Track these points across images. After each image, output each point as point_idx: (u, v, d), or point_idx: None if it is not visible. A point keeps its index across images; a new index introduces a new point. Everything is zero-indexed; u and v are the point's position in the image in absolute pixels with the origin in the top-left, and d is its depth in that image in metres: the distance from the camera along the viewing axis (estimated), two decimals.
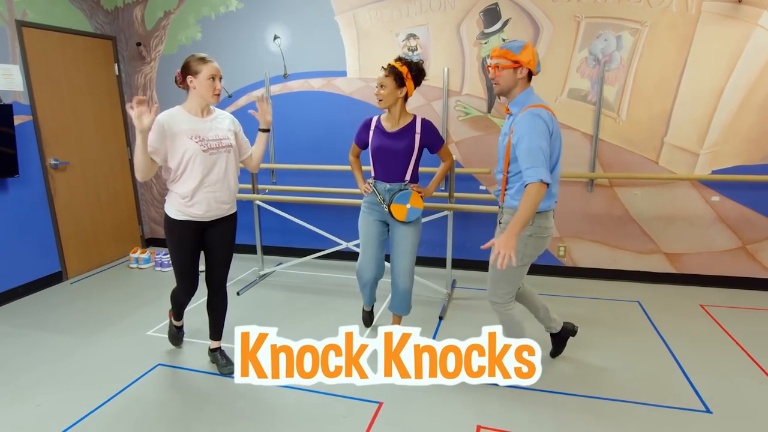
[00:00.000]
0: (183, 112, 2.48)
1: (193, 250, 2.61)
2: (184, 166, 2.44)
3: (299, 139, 4.50)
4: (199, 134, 2.45)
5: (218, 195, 2.53)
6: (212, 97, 2.48)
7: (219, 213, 2.59)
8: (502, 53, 2.19)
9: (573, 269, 4.16)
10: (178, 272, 2.65)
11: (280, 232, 4.79)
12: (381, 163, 2.75)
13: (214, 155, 2.48)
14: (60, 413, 2.45)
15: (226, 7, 4.43)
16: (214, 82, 2.46)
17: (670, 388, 2.57)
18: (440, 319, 3.41)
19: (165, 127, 2.40)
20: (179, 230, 2.54)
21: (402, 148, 2.68)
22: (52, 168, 4.18)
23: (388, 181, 2.75)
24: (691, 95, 3.61)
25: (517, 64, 2.18)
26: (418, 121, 2.72)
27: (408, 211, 2.71)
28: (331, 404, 2.48)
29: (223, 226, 2.65)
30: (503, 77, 2.22)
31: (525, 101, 2.23)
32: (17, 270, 3.92)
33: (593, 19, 3.66)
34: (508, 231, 2.06)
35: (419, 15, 4.00)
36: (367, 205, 2.86)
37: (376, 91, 2.65)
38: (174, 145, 2.42)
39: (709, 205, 3.77)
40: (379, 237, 2.86)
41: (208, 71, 2.44)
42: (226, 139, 2.55)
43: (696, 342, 3.04)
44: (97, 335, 3.27)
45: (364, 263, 2.88)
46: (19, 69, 3.87)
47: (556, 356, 2.85)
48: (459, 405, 2.45)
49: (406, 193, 2.70)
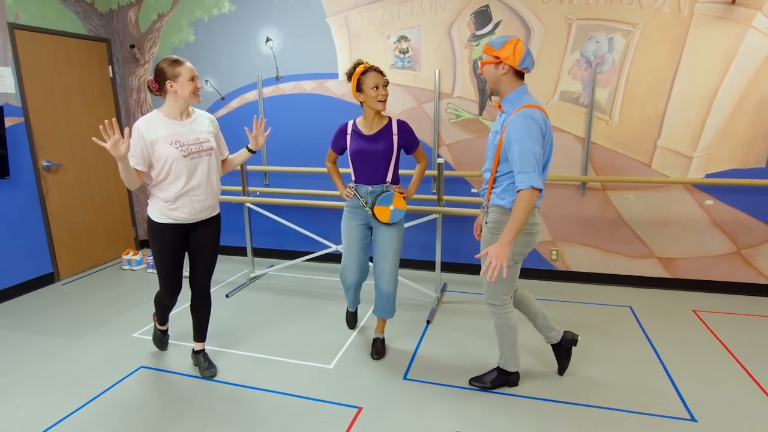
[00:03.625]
0: (161, 117, 2.44)
1: (177, 253, 2.60)
2: (166, 172, 2.42)
3: (291, 141, 4.49)
4: (178, 139, 2.42)
5: (202, 198, 2.52)
6: (194, 97, 2.46)
7: (202, 215, 2.58)
8: (485, 48, 2.20)
9: (565, 273, 4.11)
10: (161, 275, 2.64)
11: (271, 234, 4.78)
12: (361, 166, 2.73)
13: (195, 159, 2.46)
14: (38, 416, 2.44)
15: (219, 10, 4.43)
16: (194, 81, 2.44)
17: (656, 395, 2.52)
18: (428, 323, 3.38)
19: (144, 134, 2.37)
20: (162, 233, 2.52)
21: (381, 150, 2.67)
22: (45, 170, 4.19)
23: (370, 183, 2.74)
24: (685, 97, 3.57)
25: (498, 59, 2.15)
26: (394, 123, 2.71)
27: (391, 213, 2.71)
28: (310, 408, 2.45)
29: (206, 229, 2.64)
30: (486, 73, 2.22)
31: (517, 100, 2.19)
32: (8, 271, 3.93)
33: (585, 20, 3.63)
34: (502, 240, 2.04)
35: (410, 17, 3.98)
36: (349, 209, 2.84)
37: (382, 92, 2.59)
38: (154, 152, 2.39)
39: (703, 209, 3.71)
40: (362, 241, 2.85)
41: (187, 72, 2.41)
42: (207, 142, 2.52)
43: (686, 348, 2.99)
44: (83, 337, 3.26)
45: (348, 267, 2.88)
46: (11, 71, 3.89)
47: (564, 372, 2.68)
48: (440, 410, 2.42)
49: (389, 195, 2.69)
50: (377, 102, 2.60)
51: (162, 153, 2.39)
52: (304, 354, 2.99)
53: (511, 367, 2.55)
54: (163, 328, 2.99)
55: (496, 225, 2.29)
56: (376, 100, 2.60)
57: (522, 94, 2.20)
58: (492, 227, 2.31)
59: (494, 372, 2.60)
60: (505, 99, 2.23)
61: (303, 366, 2.86)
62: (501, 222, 2.27)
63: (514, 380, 2.59)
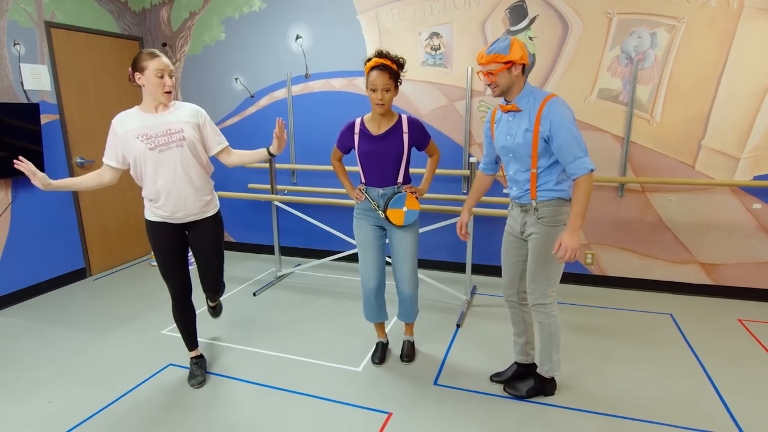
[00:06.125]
0: (137, 112, 2.33)
1: (174, 250, 2.49)
2: (139, 169, 2.33)
3: (319, 139, 4.45)
4: (146, 132, 2.27)
5: (182, 195, 2.36)
6: (162, 95, 2.28)
7: (192, 213, 2.43)
8: (492, 58, 2.10)
9: (601, 278, 3.97)
10: (161, 272, 2.53)
11: (299, 233, 4.76)
12: (371, 168, 2.56)
13: (164, 152, 2.29)
14: (69, 411, 2.45)
15: (250, 8, 4.42)
16: (163, 78, 2.25)
17: (701, 409, 2.38)
18: (458, 327, 3.29)
19: (116, 129, 2.29)
20: (154, 230, 2.45)
21: (391, 151, 2.50)
22: (78, 166, 4.25)
23: (381, 186, 2.56)
24: (732, 95, 3.39)
25: (510, 63, 2.10)
26: (404, 121, 2.52)
27: (405, 214, 2.56)
28: (339, 412, 2.40)
29: (202, 230, 2.51)
30: (500, 79, 2.14)
31: (533, 93, 2.17)
32: (43, 266, 4.00)
33: (626, 15, 3.48)
34: (571, 228, 2.07)
35: (443, 13, 3.90)
36: (360, 212, 2.67)
37: (378, 96, 2.38)
38: (126, 148, 2.29)
39: (750, 213, 3.52)
40: (378, 241, 2.68)
41: (155, 66, 2.22)
42: (179, 133, 2.31)
43: (732, 360, 2.82)
44: (113, 332, 3.28)
45: (367, 270, 2.69)
46: (47, 69, 3.95)
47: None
48: (473, 420, 2.33)
49: (401, 196, 2.55)
50: (374, 104, 2.42)
51: (131, 148, 2.28)
52: (331, 355, 2.94)
53: (554, 371, 2.43)
54: (194, 354, 2.76)
55: (554, 218, 2.22)
56: (374, 103, 2.42)
57: (532, 88, 2.19)
58: (549, 221, 2.22)
59: (530, 381, 2.50)
60: (519, 97, 2.19)
61: (330, 368, 2.80)
62: (560, 214, 2.21)
63: (551, 389, 2.48)
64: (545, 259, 2.24)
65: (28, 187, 3.83)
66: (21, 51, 3.76)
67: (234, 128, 4.72)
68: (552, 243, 2.20)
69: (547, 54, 3.69)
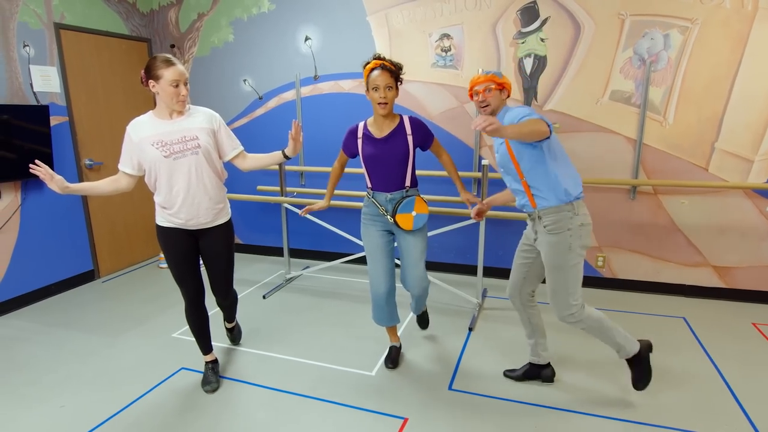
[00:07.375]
0: (151, 118, 2.31)
1: (185, 256, 2.46)
2: (154, 176, 2.31)
3: (328, 141, 4.43)
4: (162, 139, 2.25)
5: (196, 202, 2.35)
6: (177, 104, 2.25)
7: (205, 220, 2.41)
8: (489, 78, 2.29)
9: (612, 281, 3.94)
10: (174, 277, 2.51)
11: (308, 235, 4.74)
12: (377, 172, 2.53)
13: (178, 159, 2.27)
14: (82, 416, 2.43)
15: (258, 9, 4.41)
16: (178, 88, 2.21)
17: (720, 415, 2.36)
18: (470, 331, 3.27)
19: (132, 136, 2.27)
20: (165, 236, 2.43)
21: (396, 154, 2.48)
22: (87, 168, 4.24)
23: (388, 190, 2.54)
24: (746, 97, 3.36)
25: (502, 86, 2.31)
26: (407, 121, 2.50)
27: (414, 219, 2.54)
28: (355, 417, 2.38)
29: (213, 238, 2.49)
30: (493, 98, 2.29)
31: (506, 110, 2.34)
32: (51, 268, 3.99)
33: (639, 16, 3.46)
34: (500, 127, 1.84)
35: (453, 14, 3.87)
36: (368, 218, 2.64)
37: (379, 95, 2.37)
38: (142, 155, 2.28)
39: (764, 216, 3.50)
40: (387, 246, 2.64)
41: (171, 75, 2.18)
42: (194, 140, 2.28)
43: (748, 364, 2.80)
44: (123, 335, 3.27)
45: (377, 276, 2.63)
46: (56, 71, 3.94)
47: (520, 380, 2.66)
48: (489, 426, 2.31)
49: (410, 201, 2.52)
50: (376, 105, 2.40)
51: (146, 155, 2.26)
52: (344, 359, 2.92)
53: (630, 351, 2.36)
54: (209, 358, 2.73)
55: (558, 224, 2.21)
56: (376, 103, 2.40)
57: (508, 107, 2.35)
58: (553, 228, 2.22)
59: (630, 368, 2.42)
60: (498, 116, 2.32)
61: (344, 372, 2.79)
62: (563, 220, 2.20)
63: (646, 363, 2.39)
64: (557, 267, 2.24)
65: (37, 189, 3.82)
66: (30, 53, 3.75)
67: (242, 130, 4.70)
68: (560, 250, 2.21)
69: (559, 55, 3.66)
